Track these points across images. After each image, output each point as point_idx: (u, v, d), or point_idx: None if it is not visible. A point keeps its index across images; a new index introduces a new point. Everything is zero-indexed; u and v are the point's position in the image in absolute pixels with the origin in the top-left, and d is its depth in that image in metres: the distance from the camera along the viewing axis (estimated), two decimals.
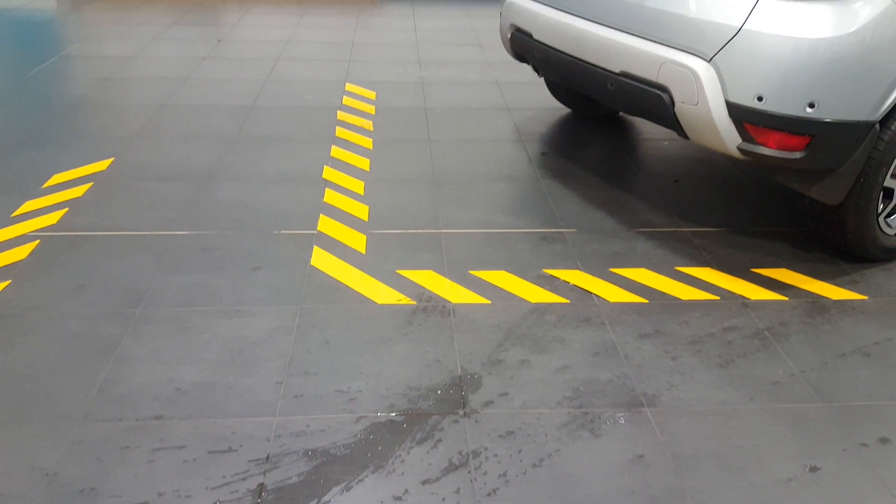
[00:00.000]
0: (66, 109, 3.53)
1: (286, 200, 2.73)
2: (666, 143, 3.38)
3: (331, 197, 2.77)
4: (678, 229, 2.62)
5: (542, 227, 2.60)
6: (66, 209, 2.58)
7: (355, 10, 5.81)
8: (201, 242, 2.41)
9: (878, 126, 2.05)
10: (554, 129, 3.52)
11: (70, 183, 2.79)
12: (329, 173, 2.97)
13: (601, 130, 3.51)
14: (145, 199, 2.69)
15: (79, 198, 2.67)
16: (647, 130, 3.52)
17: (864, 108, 2.01)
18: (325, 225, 2.56)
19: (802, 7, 1.94)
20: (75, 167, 2.91)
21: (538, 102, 3.83)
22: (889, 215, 2.33)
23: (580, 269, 2.34)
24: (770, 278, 2.34)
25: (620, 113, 3.67)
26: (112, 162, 2.97)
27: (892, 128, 2.09)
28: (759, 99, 2.01)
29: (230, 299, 2.11)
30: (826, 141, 2.03)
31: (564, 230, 2.59)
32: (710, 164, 3.17)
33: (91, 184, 2.78)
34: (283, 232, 2.51)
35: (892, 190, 2.27)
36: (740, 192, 2.93)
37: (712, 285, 2.28)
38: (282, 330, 1.99)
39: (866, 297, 2.25)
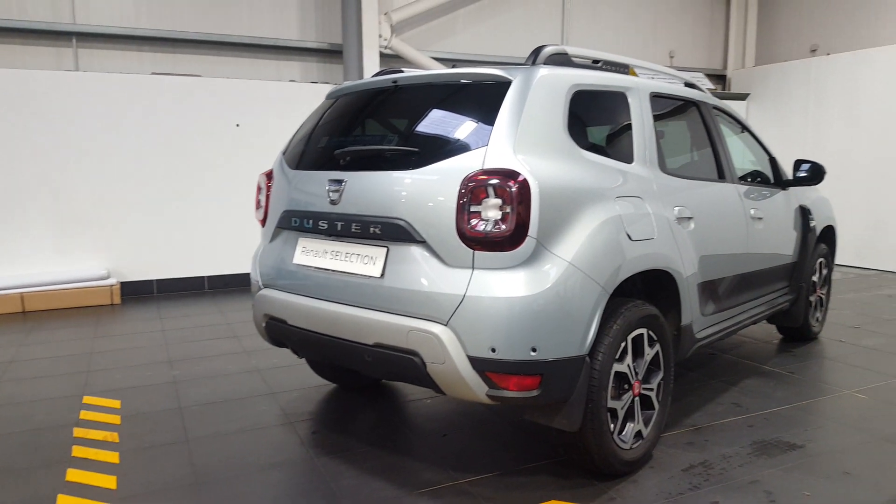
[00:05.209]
0: None
1: None
2: (428, 401, 3.59)
3: None
4: (455, 482, 2.69)
5: None
6: None
7: (93, 319, 5.51)
8: None
9: (588, 358, 2.48)
10: (322, 406, 3.54)
11: None
12: (64, 502, 2.52)
13: (368, 399, 3.62)
14: None
15: None
16: (410, 392, 3.73)
17: (573, 345, 2.43)
18: None
19: (504, 274, 2.39)
20: None
21: (302, 382, 3.87)
22: (620, 432, 2.70)
23: None
24: None
25: (382, 380, 3.87)
26: None
27: (599, 357, 2.53)
28: (493, 350, 2.33)
29: None
30: (553, 377, 2.38)
31: None
32: (471, 413, 3.42)
33: None
34: None
35: (616, 409, 2.67)
36: (502, 435, 3.16)
37: None
38: None
39: None
